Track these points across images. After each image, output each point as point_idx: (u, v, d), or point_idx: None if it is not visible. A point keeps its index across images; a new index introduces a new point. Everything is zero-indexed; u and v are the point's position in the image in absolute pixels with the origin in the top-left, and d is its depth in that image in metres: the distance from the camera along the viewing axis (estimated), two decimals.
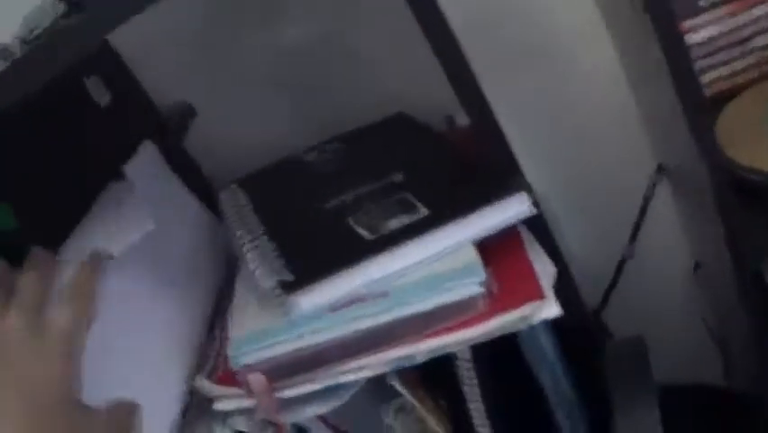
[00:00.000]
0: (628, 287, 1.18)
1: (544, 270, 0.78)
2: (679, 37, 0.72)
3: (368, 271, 0.74)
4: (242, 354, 0.72)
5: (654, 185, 1.15)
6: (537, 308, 0.73)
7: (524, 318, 0.73)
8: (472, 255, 0.75)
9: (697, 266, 1.17)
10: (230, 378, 0.74)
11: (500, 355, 0.81)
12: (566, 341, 0.85)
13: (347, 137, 1.00)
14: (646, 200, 1.16)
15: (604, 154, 1.14)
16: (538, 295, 0.74)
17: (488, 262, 0.75)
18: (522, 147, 0.82)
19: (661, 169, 1.14)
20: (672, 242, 1.18)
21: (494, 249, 0.77)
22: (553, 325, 0.81)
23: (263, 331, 0.73)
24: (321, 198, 0.86)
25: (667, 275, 1.18)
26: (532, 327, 0.81)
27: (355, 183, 0.86)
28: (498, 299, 0.74)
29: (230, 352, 0.73)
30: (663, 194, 1.16)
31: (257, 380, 0.72)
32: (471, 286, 0.73)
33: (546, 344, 0.84)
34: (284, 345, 0.73)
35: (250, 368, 0.73)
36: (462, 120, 0.96)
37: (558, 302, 0.74)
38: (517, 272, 0.77)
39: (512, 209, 0.77)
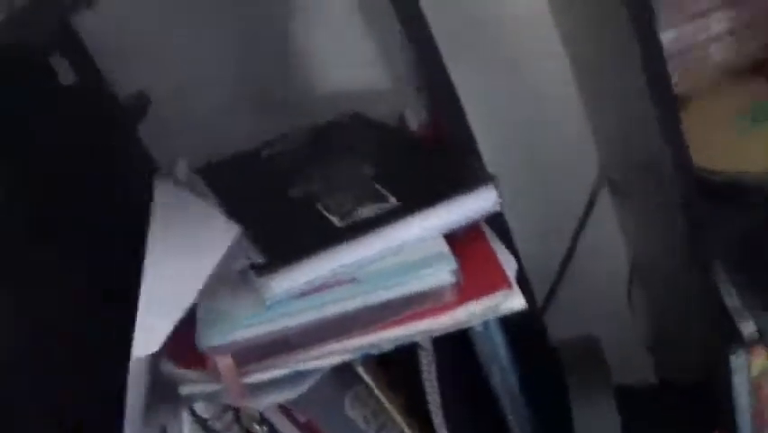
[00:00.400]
0: (566, 290, 1.21)
1: (508, 263, 0.79)
2: (654, 34, 0.75)
3: (339, 256, 0.74)
4: (211, 334, 0.71)
5: (597, 190, 1.19)
6: (504, 298, 0.74)
7: (492, 308, 0.74)
8: (442, 245, 0.76)
9: (633, 270, 1.20)
10: (195, 360, 0.73)
11: (457, 352, 0.83)
12: (516, 339, 0.87)
13: (305, 132, 1.01)
14: (589, 205, 1.19)
15: (549, 159, 1.17)
16: (506, 284, 0.75)
17: (454, 253, 0.76)
18: None
19: (604, 175, 1.18)
20: (611, 247, 1.21)
21: (459, 242, 0.78)
22: (504, 323, 0.84)
23: (233, 312, 0.73)
24: (286, 186, 0.86)
25: (605, 279, 1.21)
26: (486, 326, 0.83)
27: (322, 173, 0.87)
28: (466, 288, 0.75)
29: (198, 332, 0.72)
30: (605, 200, 1.19)
31: (225, 362, 0.72)
32: (442, 274, 0.74)
33: (498, 342, 0.86)
34: (253, 328, 0.72)
35: (217, 350, 0.72)
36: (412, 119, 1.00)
37: None
38: (483, 264, 0.78)
39: (481, 202, 0.78)
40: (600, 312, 1.14)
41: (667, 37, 0.98)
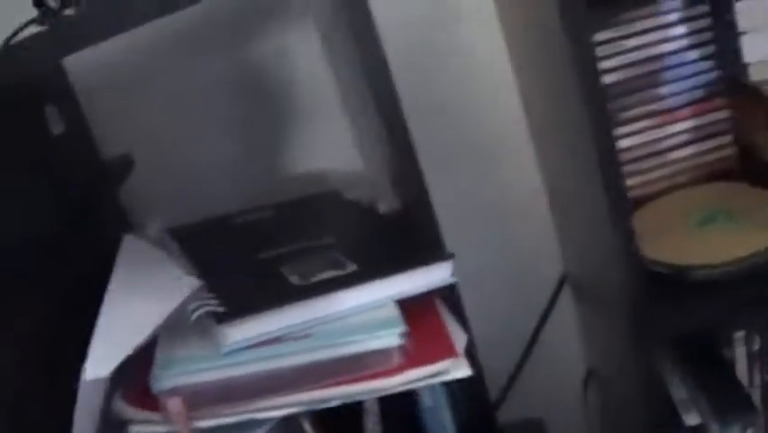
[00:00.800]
0: (523, 387, 1.24)
1: (457, 334, 0.83)
2: (611, 141, 0.81)
3: (296, 313, 0.77)
4: (165, 376, 0.74)
5: (557, 293, 1.23)
6: (451, 366, 0.78)
7: (437, 374, 0.77)
8: (393, 310, 0.80)
9: (589, 373, 1.23)
10: (147, 401, 0.75)
11: (404, 419, 0.85)
12: (463, 417, 0.90)
13: (279, 205, 1.06)
14: (548, 306, 1.23)
15: (513, 257, 1.22)
16: (452, 353, 0.78)
17: (406, 321, 0.79)
18: None
19: (564, 278, 1.22)
20: (570, 341, 1.24)
21: (411, 311, 0.81)
22: (452, 398, 0.86)
23: (189, 356, 0.76)
24: (254, 250, 0.90)
25: (561, 378, 1.24)
26: (435, 399, 0.86)
27: (289, 241, 0.91)
28: (414, 354, 0.78)
29: (154, 372, 0.75)
30: (564, 301, 1.23)
31: (175, 404, 0.74)
32: (390, 337, 0.77)
33: (445, 415, 0.88)
34: (207, 373, 0.75)
35: (170, 392, 0.75)
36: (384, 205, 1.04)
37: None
38: (433, 333, 0.82)
39: (436, 275, 0.83)
40: (556, 403, 1.17)
41: (625, 143, 1.04)
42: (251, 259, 0.89)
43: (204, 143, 1.14)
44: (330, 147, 1.15)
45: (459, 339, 0.82)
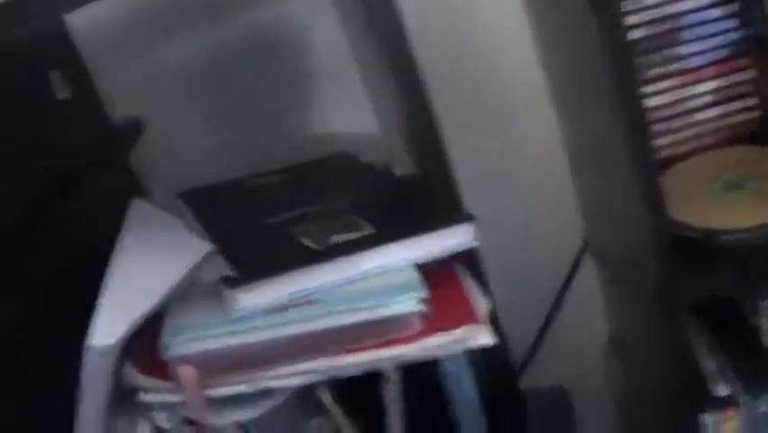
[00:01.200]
0: (545, 355, 1.21)
1: (479, 301, 0.80)
2: (638, 98, 0.77)
3: (310, 277, 0.75)
4: (176, 343, 0.71)
5: (579, 259, 1.19)
6: (472, 333, 0.75)
7: (458, 341, 0.75)
8: (413, 274, 0.77)
9: (612, 340, 1.20)
10: (158, 369, 0.73)
11: (423, 385, 0.82)
12: (485, 381, 0.87)
13: (291, 168, 1.02)
14: (570, 274, 1.20)
15: (533, 224, 1.19)
16: (474, 319, 0.75)
17: (426, 287, 0.76)
18: None
19: (586, 244, 1.19)
20: (593, 307, 1.21)
21: (432, 276, 0.78)
22: (474, 363, 0.83)
23: (200, 323, 0.73)
24: (266, 213, 0.87)
25: (584, 345, 1.21)
26: (456, 364, 0.83)
27: (302, 204, 0.88)
28: (434, 320, 0.75)
29: (163, 339, 0.72)
30: (586, 269, 1.20)
31: (187, 372, 0.71)
32: (410, 302, 0.74)
33: (468, 382, 0.85)
34: (219, 340, 0.72)
35: (180, 360, 0.72)
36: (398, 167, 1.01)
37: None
38: (454, 298, 0.79)
39: (457, 238, 0.79)
40: (578, 369, 1.14)
41: (650, 102, 1.01)
42: (264, 222, 0.86)
43: (215, 105, 1.11)
44: (344, 109, 1.11)
45: (480, 306, 0.79)
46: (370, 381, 0.77)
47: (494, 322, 0.81)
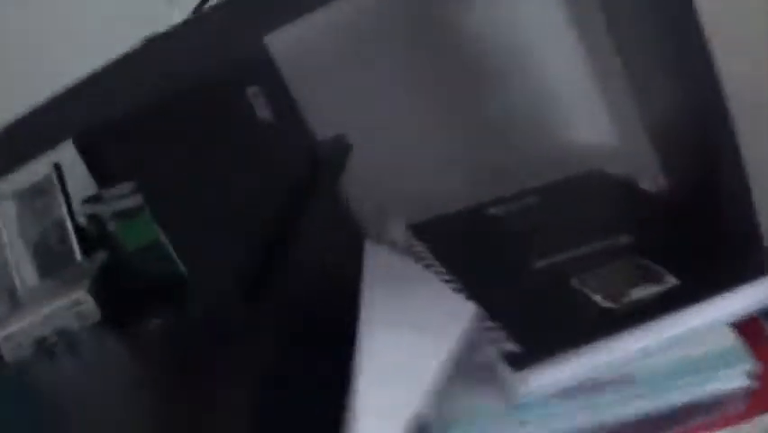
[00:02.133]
0: None
1: None
2: None
3: (612, 348, 0.58)
4: None
5: None
6: None
7: None
8: (732, 338, 0.60)
9: None
10: None
11: None
12: None
13: (539, 191, 0.86)
14: None
15: None
16: None
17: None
18: None
19: None
20: None
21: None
22: None
23: (476, 411, 0.58)
24: (526, 253, 0.71)
25: None
26: None
27: (570, 240, 0.71)
28: (758, 394, 0.58)
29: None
30: None
31: None
32: (736, 376, 0.58)
33: None
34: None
35: None
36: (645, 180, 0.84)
37: None
38: None
39: None
40: None
41: None
42: (526, 268, 0.69)
43: (426, 125, 0.96)
44: (582, 122, 0.95)
45: None
46: None
47: None
